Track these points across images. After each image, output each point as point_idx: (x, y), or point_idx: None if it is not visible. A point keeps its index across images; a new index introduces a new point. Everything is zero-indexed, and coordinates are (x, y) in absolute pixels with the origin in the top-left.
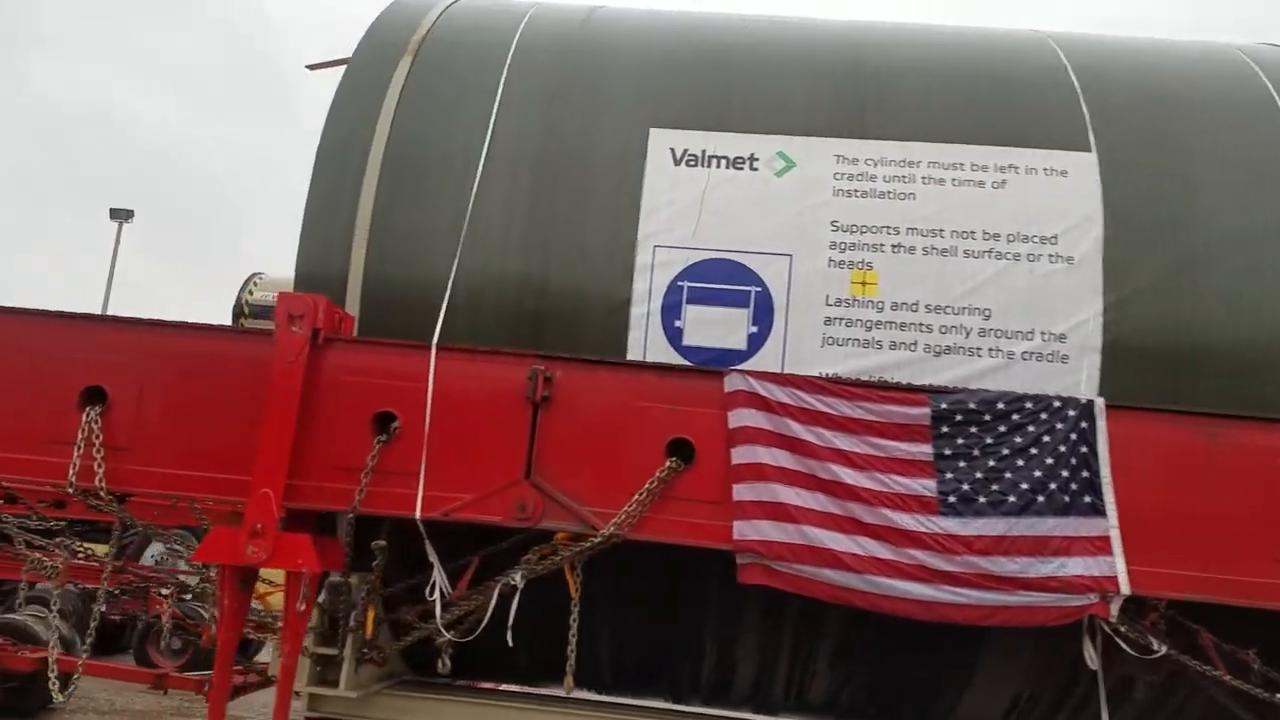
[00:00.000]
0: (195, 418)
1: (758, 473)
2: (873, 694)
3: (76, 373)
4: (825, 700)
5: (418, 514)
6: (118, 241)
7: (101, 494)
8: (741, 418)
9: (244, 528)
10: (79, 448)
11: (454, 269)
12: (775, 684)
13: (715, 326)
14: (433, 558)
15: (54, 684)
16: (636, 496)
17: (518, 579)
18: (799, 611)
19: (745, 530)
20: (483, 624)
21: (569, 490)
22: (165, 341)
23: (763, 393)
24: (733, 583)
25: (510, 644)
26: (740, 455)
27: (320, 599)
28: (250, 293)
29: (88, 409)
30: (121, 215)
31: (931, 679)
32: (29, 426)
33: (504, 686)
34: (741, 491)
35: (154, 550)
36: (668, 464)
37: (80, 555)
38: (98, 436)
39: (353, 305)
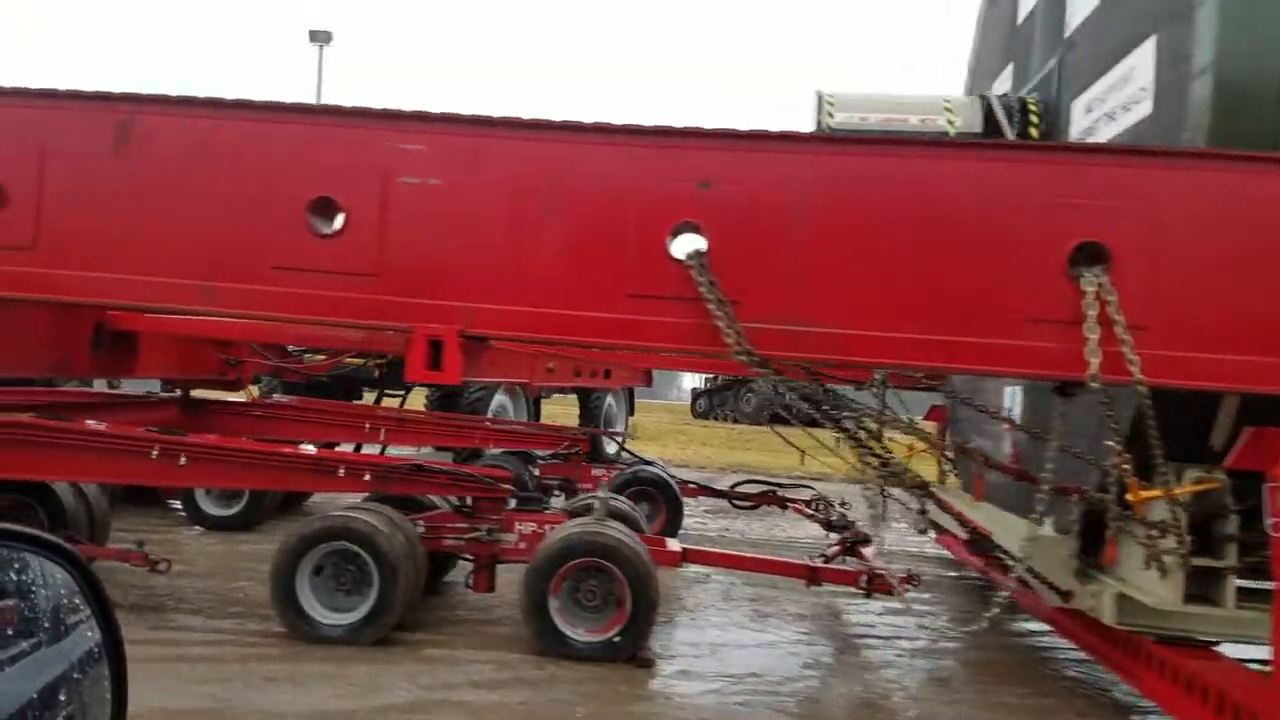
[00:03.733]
0: (1232, 279)
1: None
2: None
3: (1072, 225)
4: None
5: None
6: (320, 67)
7: (1140, 388)
8: None
9: None
10: (1090, 329)
11: None
12: None
13: None
14: None
15: None
16: None
17: None
18: None
19: None
20: None
21: None
22: (1178, 178)
23: None
24: None
25: None
26: None
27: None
28: (830, 115)
29: (1085, 274)
30: (321, 38)
31: None
32: (1000, 302)
33: None
34: None
35: (495, 403)
36: None
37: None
38: (1118, 311)
39: None
